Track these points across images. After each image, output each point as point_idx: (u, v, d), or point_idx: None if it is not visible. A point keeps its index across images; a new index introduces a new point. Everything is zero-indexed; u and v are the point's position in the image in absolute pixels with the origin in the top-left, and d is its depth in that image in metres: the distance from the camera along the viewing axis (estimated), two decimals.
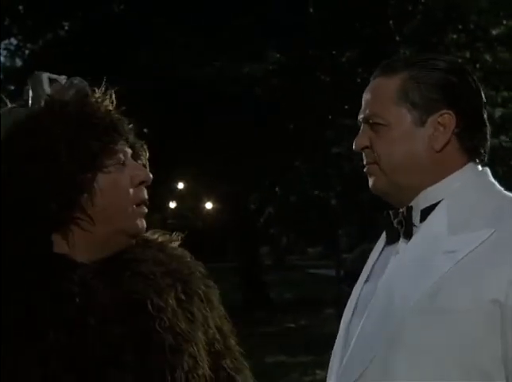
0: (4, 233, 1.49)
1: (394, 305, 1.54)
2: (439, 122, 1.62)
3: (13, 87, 15.56)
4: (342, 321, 1.73)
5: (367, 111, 1.67)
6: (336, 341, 1.72)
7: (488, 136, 1.68)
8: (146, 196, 1.59)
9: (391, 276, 1.61)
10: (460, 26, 14.85)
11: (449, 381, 1.48)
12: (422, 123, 1.62)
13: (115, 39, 13.11)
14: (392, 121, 1.63)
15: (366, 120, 1.67)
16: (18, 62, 18.07)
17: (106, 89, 1.62)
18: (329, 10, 13.94)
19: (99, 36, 13.20)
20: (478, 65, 15.31)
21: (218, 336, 1.62)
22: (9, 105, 1.62)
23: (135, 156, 1.62)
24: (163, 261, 1.61)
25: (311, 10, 14.67)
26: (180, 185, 19.97)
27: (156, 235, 1.69)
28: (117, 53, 13.53)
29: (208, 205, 26.36)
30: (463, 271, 1.49)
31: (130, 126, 1.63)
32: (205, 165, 15.58)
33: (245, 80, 12.48)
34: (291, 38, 13.68)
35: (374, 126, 1.65)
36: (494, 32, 15.04)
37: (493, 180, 1.67)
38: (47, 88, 1.59)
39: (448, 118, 1.62)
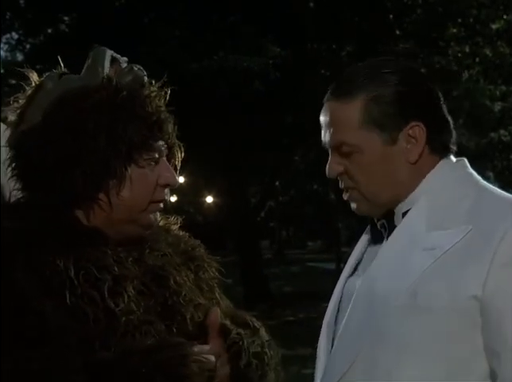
0: (32, 201, 1.53)
1: (377, 302, 1.53)
2: (409, 135, 1.60)
3: (14, 82, 15.57)
4: (325, 316, 1.72)
5: (334, 139, 1.63)
6: (320, 335, 1.72)
7: (452, 129, 1.66)
8: (167, 198, 1.64)
9: (373, 273, 1.61)
10: (460, 20, 14.85)
11: (435, 379, 1.48)
12: (393, 141, 1.60)
13: (115, 33, 13.12)
14: (363, 146, 1.60)
15: (334, 148, 1.64)
16: (19, 56, 18.11)
17: (163, 85, 1.64)
18: (329, 4, 13.95)
19: (100, 30, 13.21)
20: (477, 59, 15.34)
21: (222, 303, 1.71)
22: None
23: (171, 156, 1.66)
24: (171, 242, 1.70)
25: (311, 5, 14.70)
26: (181, 180, 20.04)
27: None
28: (117, 47, 13.52)
29: (209, 199, 26.39)
30: (442, 269, 1.48)
31: (175, 127, 1.65)
32: (205, 159, 15.62)
33: (244, 74, 12.49)
34: (290, 32, 13.70)
35: (345, 153, 1.62)
36: (493, 26, 15.05)
37: (470, 170, 1.65)
38: (107, 65, 1.61)
39: (417, 129, 1.60)
